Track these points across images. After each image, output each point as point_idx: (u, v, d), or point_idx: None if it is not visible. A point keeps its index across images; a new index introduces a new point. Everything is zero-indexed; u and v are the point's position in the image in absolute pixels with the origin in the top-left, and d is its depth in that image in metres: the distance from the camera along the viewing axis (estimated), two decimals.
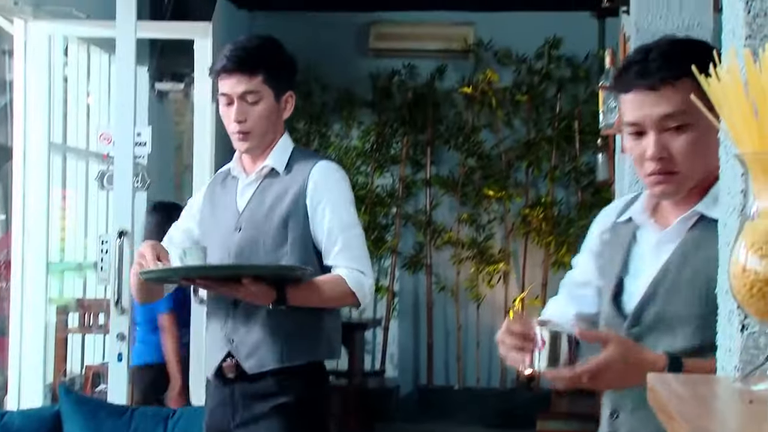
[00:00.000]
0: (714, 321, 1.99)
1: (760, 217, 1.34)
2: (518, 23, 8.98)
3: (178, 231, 3.45)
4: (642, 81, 2.18)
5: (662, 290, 2.19)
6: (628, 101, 2.21)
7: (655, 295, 2.20)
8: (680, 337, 2.14)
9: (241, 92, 3.26)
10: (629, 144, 2.24)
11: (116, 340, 5.12)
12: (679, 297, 2.16)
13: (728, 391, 1.37)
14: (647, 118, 2.18)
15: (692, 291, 2.14)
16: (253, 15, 9.31)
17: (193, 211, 3.47)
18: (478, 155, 9.12)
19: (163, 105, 7.81)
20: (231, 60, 3.26)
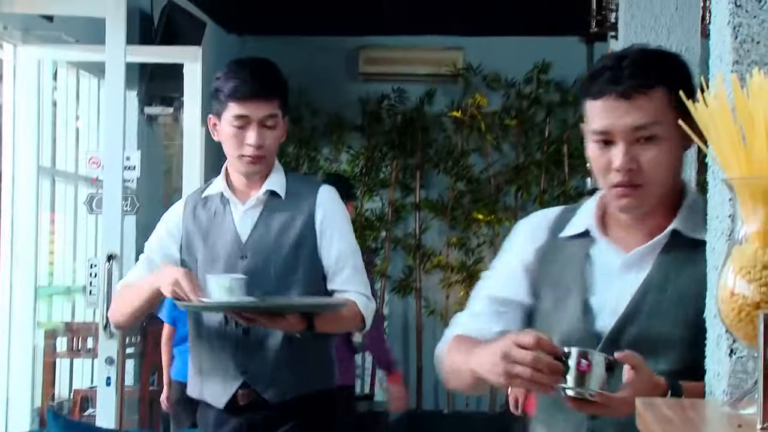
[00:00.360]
0: (699, 344, 2.00)
1: (748, 242, 1.34)
2: (507, 48, 9.01)
3: (157, 255, 3.29)
4: (614, 87, 2.09)
5: (644, 311, 2.12)
6: (597, 108, 2.12)
7: (635, 316, 2.12)
8: (663, 359, 2.07)
9: (263, 116, 3.19)
10: (594, 153, 2.14)
11: (105, 364, 5.10)
12: (664, 318, 2.10)
13: (717, 415, 1.37)
14: (617, 127, 2.09)
15: (677, 313, 2.09)
16: (242, 39, 9.32)
17: (172, 234, 3.29)
18: (468, 179, 9.13)
19: (152, 129, 7.81)
20: (252, 84, 3.19)
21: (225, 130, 3.21)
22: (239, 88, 3.19)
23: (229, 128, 3.20)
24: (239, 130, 3.19)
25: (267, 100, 3.19)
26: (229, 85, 3.21)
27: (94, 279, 5.43)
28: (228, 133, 3.21)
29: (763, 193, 1.33)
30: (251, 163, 3.22)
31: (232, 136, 3.20)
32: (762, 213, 1.33)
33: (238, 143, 3.19)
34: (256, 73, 3.23)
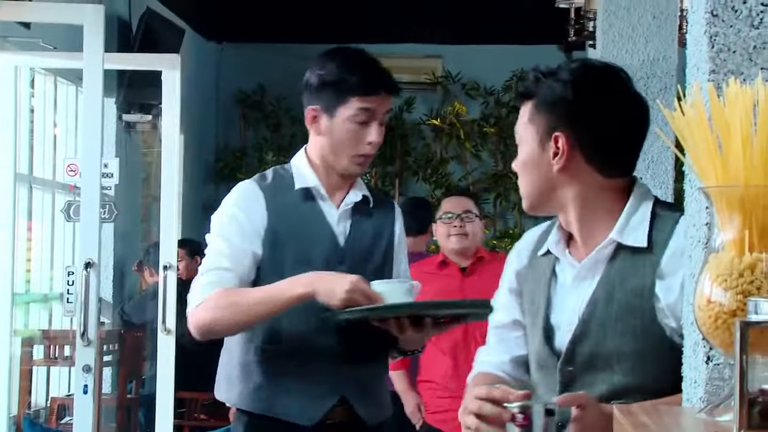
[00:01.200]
0: (652, 356, 2.00)
1: (725, 250, 1.35)
2: (486, 56, 9.03)
3: (243, 252, 2.86)
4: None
5: (593, 326, 2.10)
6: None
7: (586, 332, 2.11)
8: (619, 374, 2.07)
9: (384, 113, 2.97)
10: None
11: (82, 372, 5.08)
12: (613, 332, 2.08)
13: (693, 422, 1.37)
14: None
15: (625, 326, 2.07)
16: (221, 47, 9.31)
17: (257, 230, 2.89)
18: (447, 187, 9.14)
19: (130, 136, 7.80)
20: (380, 77, 2.96)
21: (341, 126, 2.91)
22: (368, 82, 2.92)
23: (349, 124, 2.90)
24: (360, 127, 2.91)
25: (391, 95, 2.99)
26: (354, 78, 2.91)
27: (71, 287, 5.40)
28: (346, 129, 2.91)
29: (739, 201, 1.33)
30: (360, 164, 2.97)
31: (352, 132, 2.91)
32: (738, 221, 1.34)
33: (357, 140, 2.92)
34: (378, 65, 2.99)
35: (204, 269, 2.86)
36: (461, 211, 4.90)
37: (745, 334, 1.25)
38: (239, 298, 2.80)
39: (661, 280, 2.05)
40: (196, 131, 8.80)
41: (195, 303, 2.82)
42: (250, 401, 2.89)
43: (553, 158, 2.14)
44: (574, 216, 2.16)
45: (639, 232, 2.09)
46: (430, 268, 4.94)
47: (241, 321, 2.81)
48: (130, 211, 7.67)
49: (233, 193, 2.95)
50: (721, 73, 1.56)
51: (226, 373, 2.94)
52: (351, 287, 2.70)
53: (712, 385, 1.52)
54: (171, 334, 5.90)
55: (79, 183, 5.52)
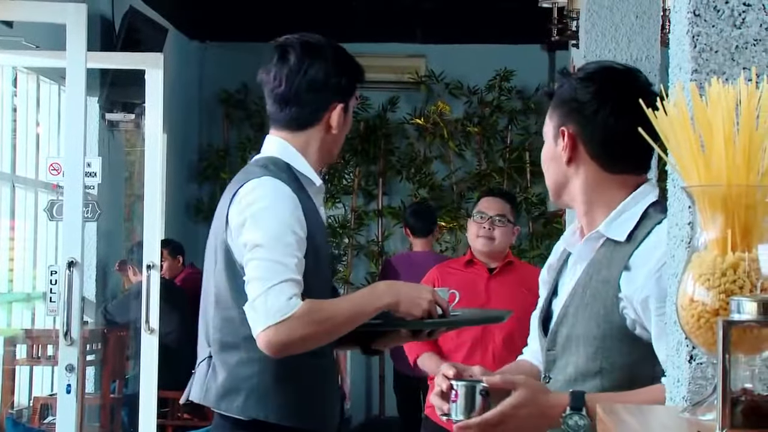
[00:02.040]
0: (609, 343, 2.11)
1: (707, 249, 1.35)
2: (469, 56, 9.04)
3: (303, 267, 2.73)
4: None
5: (571, 310, 2.22)
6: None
7: (566, 316, 2.24)
8: (583, 358, 2.18)
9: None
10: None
11: (65, 372, 5.06)
12: (583, 317, 2.19)
13: (676, 421, 1.38)
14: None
15: (591, 312, 2.17)
16: (204, 46, 9.30)
17: (303, 238, 2.77)
18: (430, 186, 9.15)
19: (113, 135, 7.77)
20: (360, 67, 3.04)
21: (349, 117, 2.98)
22: (361, 69, 3.00)
23: (350, 115, 2.98)
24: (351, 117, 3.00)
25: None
26: (360, 70, 3.00)
27: (54, 286, 5.38)
28: (349, 119, 2.97)
29: (722, 200, 1.34)
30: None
31: (348, 123, 2.98)
32: (721, 220, 1.34)
33: (347, 130, 2.99)
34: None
35: (274, 279, 2.63)
36: (494, 214, 4.90)
37: (728, 333, 1.26)
38: (331, 311, 2.69)
39: (627, 271, 2.14)
40: (179, 130, 8.79)
41: (276, 317, 2.60)
42: (292, 415, 2.77)
43: (562, 151, 2.27)
44: (581, 207, 2.28)
45: (624, 227, 2.19)
46: (457, 265, 4.99)
47: (333, 336, 2.72)
48: (113, 211, 7.64)
49: (275, 191, 2.75)
50: (703, 73, 1.56)
51: (250, 386, 2.74)
52: (432, 297, 2.76)
53: (695, 384, 1.52)
54: (154, 334, 5.89)
55: (62, 182, 5.51)
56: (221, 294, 2.76)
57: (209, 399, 2.77)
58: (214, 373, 2.77)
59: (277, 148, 2.89)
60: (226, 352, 2.75)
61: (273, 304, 2.61)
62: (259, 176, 2.78)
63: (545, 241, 8.94)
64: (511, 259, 4.99)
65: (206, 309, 2.83)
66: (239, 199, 2.76)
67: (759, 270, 1.33)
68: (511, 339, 4.83)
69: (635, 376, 2.10)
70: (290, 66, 2.91)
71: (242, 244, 2.71)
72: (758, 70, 1.53)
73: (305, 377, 2.78)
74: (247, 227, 2.71)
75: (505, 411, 2.05)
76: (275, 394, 2.75)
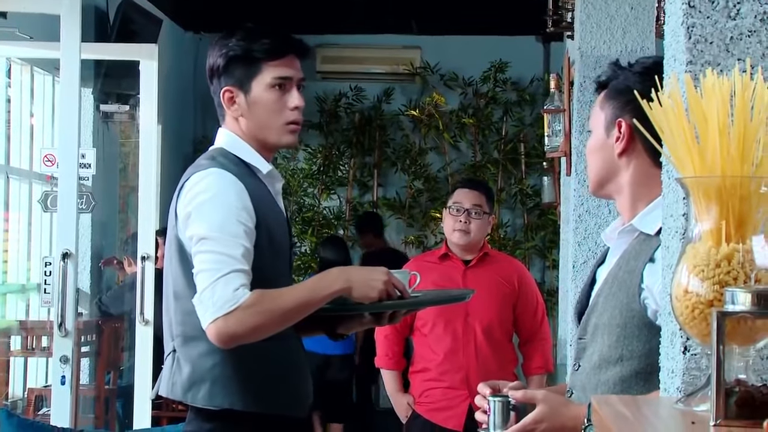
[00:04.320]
0: (630, 331, 2.17)
1: (702, 240, 1.36)
2: (464, 47, 9.04)
3: (251, 257, 2.73)
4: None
5: (601, 300, 2.26)
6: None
7: (596, 305, 2.28)
8: (606, 345, 2.23)
9: (301, 77, 2.91)
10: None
11: (60, 363, 5.06)
12: (609, 306, 2.23)
13: (671, 412, 1.38)
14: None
15: (617, 301, 2.21)
16: (199, 37, 9.28)
17: (252, 227, 2.76)
18: (425, 177, 9.15)
19: (108, 126, 7.76)
20: (289, 42, 2.88)
21: (260, 98, 2.85)
22: (275, 46, 2.85)
23: (268, 94, 2.85)
24: (279, 94, 2.86)
25: (300, 58, 2.91)
26: (260, 45, 2.85)
27: (48, 277, 5.39)
28: (266, 100, 2.85)
29: (716, 191, 1.34)
30: (295, 131, 2.90)
31: (272, 101, 2.85)
32: (715, 212, 1.34)
33: (279, 109, 2.85)
34: (280, 31, 2.90)
35: (221, 271, 2.62)
36: (470, 206, 4.87)
37: (722, 324, 1.26)
38: (280, 301, 2.66)
39: (651, 263, 2.18)
40: (174, 122, 8.78)
41: (224, 309, 2.59)
42: (257, 401, 2.76)
43: (615, 142, 2.29)
44: (627, 200, 2.30)
45: (656, 221, 2.19)
46: (432, 258, 4.98)
47: (284, 324, 2.68)
48: (108, 202, 7.63)
49: (219, 182, 2.75)
50: (698, 64, 1.56)
51: (213, 376, 2.73)
52: (387, 279, 2.72)
53: (689, 375, 1.52)
54: (149, 325, 5.89)
55: (56, 173, 5.50)
56: (179, 287, 2.76)
57: (176, 392, 2.78)
58: (179, 367, 2.77)
59: (224, 139, 2.92)
60: (188, 344, 2.74)
61: (220, 295, 2.60)
62: (204, 168, 2.78)
63: (540, 233, 8.95)
64: (487, 251, 4.98)
65: (168, 303, 2.83)
66: (185, 192, 2.77)
67: (753, 261, 1.33)
68: (490, 330, 4.83)
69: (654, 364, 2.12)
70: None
71: (189, 238, 2.71)
72: (753, 62, 1.53)
73: (269, 362, 2.77)
74: (193, 220, 2.71)
75: (526, 426, 2.19)
76: (239, 382, 2.74)
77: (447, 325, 4.80)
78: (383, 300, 2.72)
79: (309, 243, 8.90)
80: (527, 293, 4.97)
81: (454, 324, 4.78)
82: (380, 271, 2.74)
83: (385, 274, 2.73)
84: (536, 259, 9.01)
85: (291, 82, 2.86)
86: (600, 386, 2.20)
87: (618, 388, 2.16)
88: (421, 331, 4.88)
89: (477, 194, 4.91)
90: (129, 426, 6.13)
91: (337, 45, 9.25)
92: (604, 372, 2.21)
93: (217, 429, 2.76)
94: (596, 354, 2.24)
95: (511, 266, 5.04)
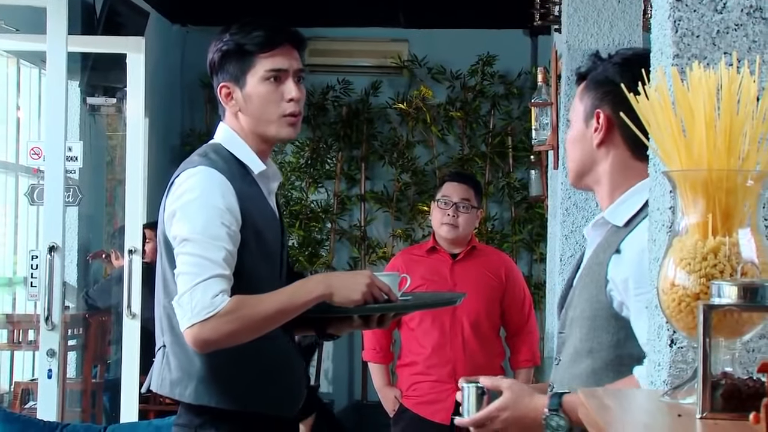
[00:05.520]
0: (598, 323, 2.18)
1: (688, 233, 1.36)
2: (452, 40, 9.03)
3: (234, 260, 2.70)
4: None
5: (576, 293, 2.27)
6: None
7: (572, 299, 2.29)
8: (578, 338, 2.24)
9: (298, 68, 2.83)
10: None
11: (46, 357, 5.05)
12: (582, 299, 2.24)
13: (657, 405, 1.38)
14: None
15: (588, 293, 2.22)
16: (186, 30, 9.26)
17: (237, 230, 2.72)
18: (413, 171, 9.14)
19: (94, 119, 7.74)
20: (282, 33, 2.82)
21: (255, 92, 2.80)
22: (268, 38, 2.80)
23: (262, 87, 2.80)
24: (274, 87, 2.80)
25: (298, 51, 2.86)
26: (252, 38, 2.80)
27: (35, 270, 5.37)
28: (261, 93, 2.80)
29: (702, 185, 1.34)
30: (294, 124, 2.83)
31: (267, 94, 2.80)
32: (702, 205, 1.35)
33: (276, 101, 2.80)
34: (275, 22, 2.85)
35: (201, 275, 2.60)
36: (458, 199, 4.86)
37: (709, 318, 1.26)
38: (259, 308, 2.62)
39: (617, 254, 2.18)
40: (161, 114, 8.76)
41: (201, 315, 2.58)
42: (244, 400, 2.74)
43: (594, 133, 2.29)
44: (605, 191, 2.30)
45: (625, 213, 2.22)
46: (420, 252, 4.97)
47: (263, 330, 2.65)
48: (95, 195, 7.61)
49: (206, 182, 2.71)
50: (684, 58, 1.56)
51: (200, 373, 2.72)
52: (370, 281, 2.69)
53: (675, 368, 1.53)
54: (136, 319, 5.88)
55: (43, 166, 5.48)
56: (168, 282, 2.74)
57: (164, 388, 2.76)
58: (167, 362, 2.76)
59: (222, 134, 2.88)
60: (177, 340, 2.71)
61: (198, 301, 2.58)
62: (195, 165, 2.75)
63: (527, 226, 8.95)
64: (475, 244, 4.98)
65: (159, 298, 2.80)
66: (174, 189, 2.75)
67: (739, 254, 1.33)
68: (478, 324, 4.84)
69: (622, 356, 2.14)
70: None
71: (173, 237, 2.69)
72: (739, 55, 1.53)
73: (258, 361, 2.75)
74: (177, 219, 2.69)
75: (491, 413, 2.26)
76: (227, 381, 2.73)
77: (434, 319, 4.81)
78: (368, 303, 2.69)
79: (296, 236, 8.90)
80: (514, 287, 4.97)
81: (441, 318, 4.79)
82: (363, 275, 2.72)
83: (368, 277, 2.71)
84: (523, 252, 9.01)
85: (287, 74, 2.81)
86: (574, 379, 2.20)
87: (591, 380, 2.16)
88: (409, 325, 4.88)
89: (465, 188, 4.91)
90: (116, 419, 6.12)
91: (325, 38, 9.23)
92: (577, 365, 2.22)
93: (207, 424, 2.75)
94: (571, 347, 2.25)
95: (498, 260, 5.04)
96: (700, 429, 1.24)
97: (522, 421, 2.22)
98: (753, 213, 1.35)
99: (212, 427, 2.74)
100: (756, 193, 1.35)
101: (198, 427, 2.75)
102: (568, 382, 2.22)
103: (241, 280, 2.66)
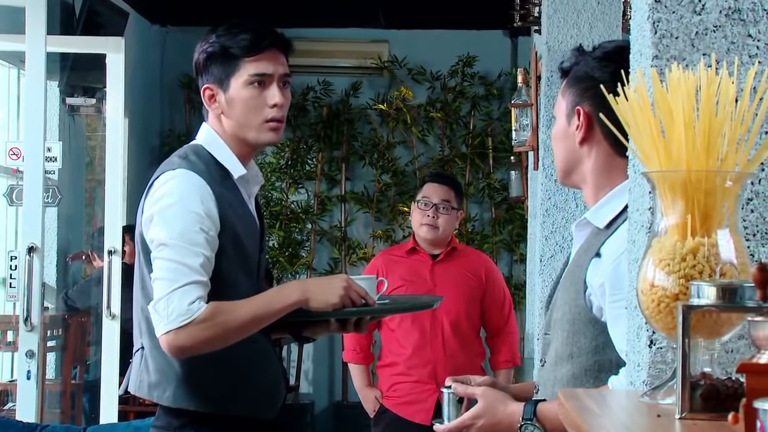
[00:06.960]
0: (577, 327, 2.15)
1: (667, 234, 1.36)
2: (432, 41, 9.04)
3: (212, 266, 2.70)
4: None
5: (559, 295, 2.25)
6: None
7: (556, 301, 2.26)
8: (560, 342, 2.21)
9: (283, 73, 2.82)
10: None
11: (25, 358, 5.03)
12: (563, 302, 2.21)
13: (637, 405, 1.39)
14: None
15: (568, 297, 2.19)
16: (165, 30, 9.24)
17: (215, 235, 2.70)
18: (393, 172, 9.14)
19: (74, 120, 7.71)
20: (268, 37, 2.79)
21: (238, 95, 2.78)
22: (253, 41, 2.78)
23: (246, 91, 2.78)
24: (258, 91, 2.78)
25: (284, 55, 2.84)
26: (237, 41, 2.78)
27: (14, 271, 5.35)
28: (244, 97, 2.78)
29: (681, 185, 1.35)
30: (273, 130, 2.80)
31: (250, 98, 2.78)
32: (681, 206, 1.35)
33: (258, 106, 2.78)
34: (263, 26, 2.82)
35: (178, 282, 2.58)
36: (439, 200, 4.86)
37: (688, 318, 1.27)
38: (236, 315, 2.61)
39: (597, 258, 2.15)
40: (140, 115, 8.73)
41: (177, 322, 2.56)
42: (222, 403, 2.73)
43: (576, 130, 2.25)
44: (591, 189, 2.27)
45: (607, 215, 2.19)
46: (400, 252, 4.98)
47: (238, 336, 2.63)
48: (74, 196, 7.59)
49: (185, 185, 2.68)
50: (663, 59, 1.57)
51: (178, 376, 2.70)
52: (347, 285, 2.67)
53: (655, 368, 1.53)
54: (116, 320, 5.87)
55: (22, 167, 5.46)
56: (146, 284, 2.72)
57: (143, 390, 2.75)
58: (146, 364, 2.74)
59: (203, 135, 2.87)
60: (156, 343, 2.67)
61: (174, 308, 2.56)
62: (174, 168, 2.73)
63: (507, 227, 8.96)
64: (455, 245, 4.98)
65: (137, 299, 2.78)
66: (153, 191, 2.73)
67: (718, 255, 1.34)
68: (458, 324, 4.85)
69: (601, 361, 2.11)
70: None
71: (150, 240, 2.68)
72: (718, 56, 1.53)
73: (236, 364, 2.74)
74: (155, 223, 2.67)
75: (465, 422, 2.28)
76: (205, 385, 2.72)
77: (415, 320, 4.81)
78: (346, 307, 2.68)
79: (277, 237, 8.89)
80: (494, 287, 4.98)
81: (421, 319, 4.79)
82: (339, 279, 2.71)
83: (344, 281, 2.69)
84: (504, 252, 9.03)
85: (271, 78, 2.79)
86: (556, 383, 2.18)
87: (571, 385, 2.14)
88: (389, 325, 4.89)
89: (446, 189, 4.91)
90: (95, 421, 6.10)
91: (305, 38, 9.22)
92: (559, 369, 2.19)
93: (186, 426, 2.73)
94: (553, 350, 2.23)
95: (478, 260, 5.05)
96: (679, 429, 1.24)
97: (497, 427, 2.22)
98: (732, 214, 1.35)
99: (191, 429, 2.73)
100: (734, 194, 1.35)
101: (177, 429, 2.74)
102: (551, 385, 2.20)
103: (218, 284, 2.64)
